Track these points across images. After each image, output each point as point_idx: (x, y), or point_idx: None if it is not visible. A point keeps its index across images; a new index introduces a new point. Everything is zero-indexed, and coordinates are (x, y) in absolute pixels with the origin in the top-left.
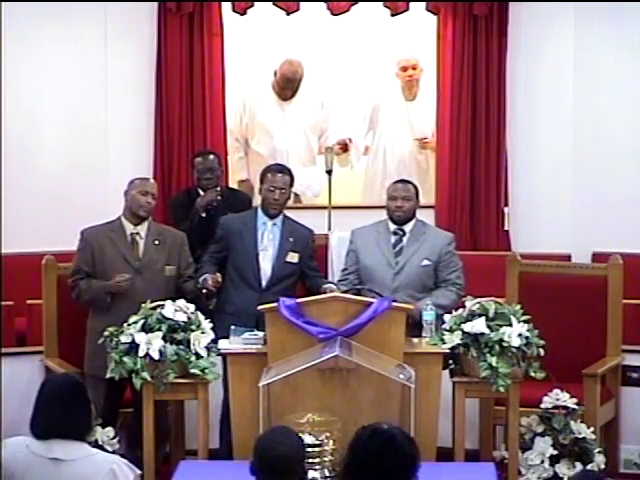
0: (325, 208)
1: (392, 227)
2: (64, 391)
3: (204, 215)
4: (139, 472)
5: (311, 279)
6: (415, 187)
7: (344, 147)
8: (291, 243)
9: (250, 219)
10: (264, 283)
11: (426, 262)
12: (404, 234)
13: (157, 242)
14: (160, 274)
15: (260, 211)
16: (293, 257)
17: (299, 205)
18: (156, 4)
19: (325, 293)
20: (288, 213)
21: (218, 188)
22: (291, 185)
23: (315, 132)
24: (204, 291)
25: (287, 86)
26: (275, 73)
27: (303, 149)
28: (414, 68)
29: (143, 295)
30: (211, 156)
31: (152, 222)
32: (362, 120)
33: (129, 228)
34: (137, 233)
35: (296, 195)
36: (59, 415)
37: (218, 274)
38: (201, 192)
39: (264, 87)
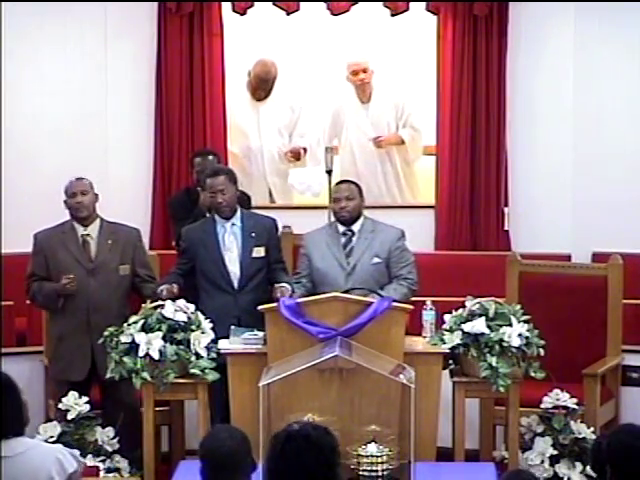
0: (325, 208)
1: (341, 228)
2: None
3: (208, 215)
4: (83, 461)
5: (273, 272)
6: (358, 186)
7: (296, 155)
8: (254, 238)
9: (209, 225)
10: (236, 284)
11: (376, 260)
12: (353, 234)
13: (110, 241)
14: (114, 274)
15: (217, 215)
16: (259, 251)
17: (299, 205)
18: (156, 4)
19: (275, 292)
20: (287, 212)
21: None
22: (234, 182)
23: (290, 133)
24: (160, 302)
25: (260, 86)
26: (249, 74)
27: (278, 149)
28: (364, 71)
29: (97, 296)
30: (210, 156)
31: (104, 221)
32: (324, 125)
33: (80, 230)
34: (88, 234)
35: (270, 194)
36: None
37: (174, 284)
38: (201, 192)
39: (240, 88)
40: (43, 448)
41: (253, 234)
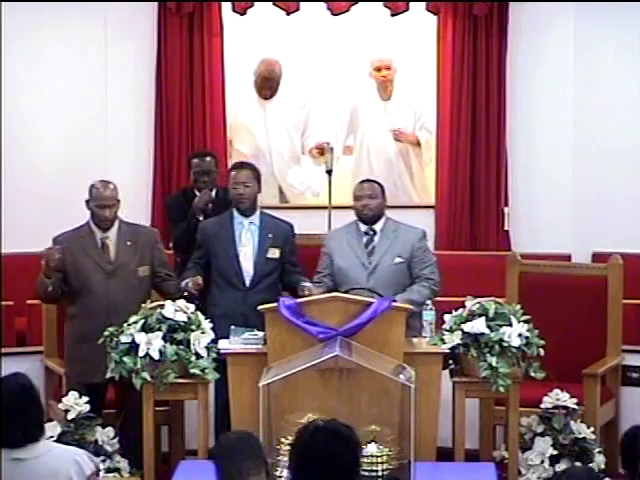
0: (325, 208)
1: (363, 227)
2: (15, 400)
3: (201, 218)
4: (99, 461)
5: (289, 275)
6: (380, 185)
7: (321, 151)
8: (271, 239)
9: (227, 220)
10: (247, 282)
11: (399, 259)
12: (375, 233)
13: (129, 243)
14: (133, 275)
15: (235, 211)
16: (274, 253)
17: (299, 205)
18: (156, 4)
19: (302, 292)
20: (288, 212)
21: (214, 190)
22: (258, 180)
23: (299, 131)
24: (185, 294)
25: (265, 85)
26: (255, 73)
27: (287, 148)
28: (388, 68)
29: (117, 298)
30: (208, 157)
31: (122, 223)
32: (341, 122)
33: (98, 233)
34: (107, 237)
35: (281, 193)
36: (14, 426)
37: (199, 277)
38: (197, 193)
39: (246, 87)
40: (60, 450)
41: (270, 235)
